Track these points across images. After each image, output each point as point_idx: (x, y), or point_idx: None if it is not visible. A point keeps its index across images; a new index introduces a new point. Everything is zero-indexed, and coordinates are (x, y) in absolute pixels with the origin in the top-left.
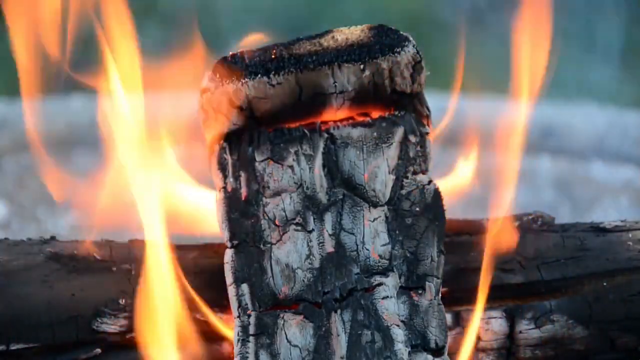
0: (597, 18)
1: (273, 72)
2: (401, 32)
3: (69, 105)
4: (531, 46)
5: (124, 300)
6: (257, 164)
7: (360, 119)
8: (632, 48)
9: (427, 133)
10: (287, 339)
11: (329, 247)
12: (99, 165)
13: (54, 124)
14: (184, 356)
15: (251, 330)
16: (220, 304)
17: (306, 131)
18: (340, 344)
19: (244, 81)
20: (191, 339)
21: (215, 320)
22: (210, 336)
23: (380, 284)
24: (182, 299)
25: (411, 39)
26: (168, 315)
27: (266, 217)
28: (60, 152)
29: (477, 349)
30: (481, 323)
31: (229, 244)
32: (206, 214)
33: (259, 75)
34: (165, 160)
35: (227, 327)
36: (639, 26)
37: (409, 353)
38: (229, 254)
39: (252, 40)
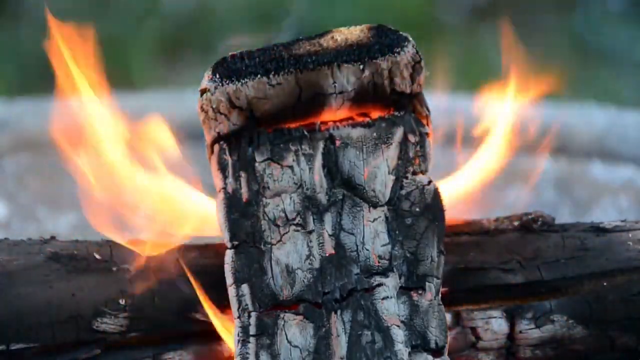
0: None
1: (273, 73)
2: (401, 32)
3: (69, 105)
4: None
5: (124, 300)
6: (257, 164)
7: (360, 119)
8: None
9: (427, 133)
10: (287, 339)
11: (329, 247)
12: (99, 165)
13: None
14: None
15: (251, 330)
16: (220, 304)
17: (306, 131)
18: (340, 344)
19: (243, 81)
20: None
21: (216, 320)
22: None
23: (380, 285)
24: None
25: (411, 39)
26: None
27: (266, 218)
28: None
29: (477, 349)
30: (481, 323)
31: (229, 245)
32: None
33: (259, 76)
34: (165, 161)
35: (228, 327)
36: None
37: (409, 353)
38: (229, 255)
39: (247, 41)
